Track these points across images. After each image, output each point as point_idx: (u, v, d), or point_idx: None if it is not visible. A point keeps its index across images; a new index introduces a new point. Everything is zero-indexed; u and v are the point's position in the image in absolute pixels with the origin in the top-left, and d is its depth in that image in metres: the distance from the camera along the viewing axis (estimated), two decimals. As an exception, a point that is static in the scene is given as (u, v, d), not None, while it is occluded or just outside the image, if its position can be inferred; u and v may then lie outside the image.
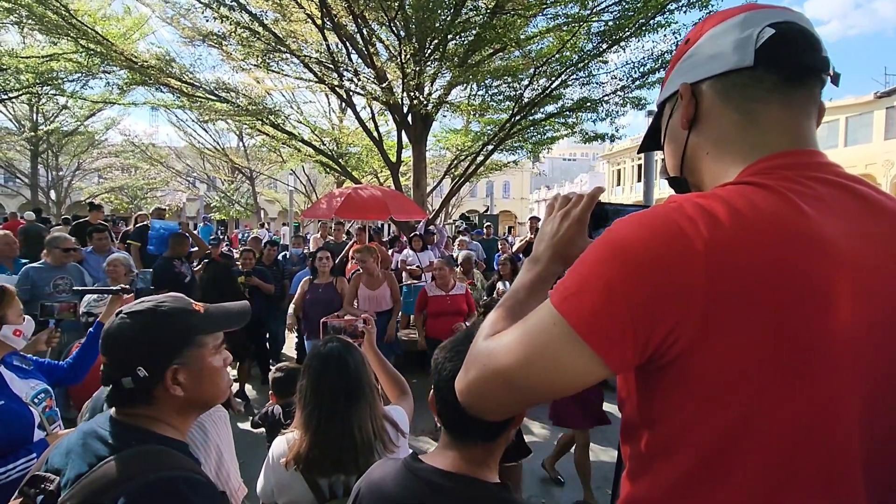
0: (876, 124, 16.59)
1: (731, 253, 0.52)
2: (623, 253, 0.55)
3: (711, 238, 0.52)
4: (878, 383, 0.56)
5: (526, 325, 0.61)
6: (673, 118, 0.74)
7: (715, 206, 0.55)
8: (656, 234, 0.54)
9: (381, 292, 4.26)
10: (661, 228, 0.55)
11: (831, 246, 0.54)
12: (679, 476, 0.59)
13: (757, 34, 0.63)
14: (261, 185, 23.41)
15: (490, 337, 0.67)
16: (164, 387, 0.92)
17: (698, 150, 0.70)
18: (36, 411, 1.76)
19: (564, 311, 0.57)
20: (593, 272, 0.56)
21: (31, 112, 17.66)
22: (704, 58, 0.68)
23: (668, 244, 0.53)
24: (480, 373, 0.63)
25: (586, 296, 0.56)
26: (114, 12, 10.20)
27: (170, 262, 5.09)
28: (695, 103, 0.69)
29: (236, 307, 1.10)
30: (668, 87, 0.74)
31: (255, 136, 11.13)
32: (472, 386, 0.65)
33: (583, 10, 7.28)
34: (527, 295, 0.75)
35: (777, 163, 0.61)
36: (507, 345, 0.62)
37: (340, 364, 1.45)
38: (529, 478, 3.64)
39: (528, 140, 10.33)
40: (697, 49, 0.69)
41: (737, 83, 0.65)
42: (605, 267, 0.55)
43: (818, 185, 0.58)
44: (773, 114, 0.64)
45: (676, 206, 0.57)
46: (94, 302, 2.38)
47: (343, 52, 8.24)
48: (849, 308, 0.53)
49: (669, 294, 0.52)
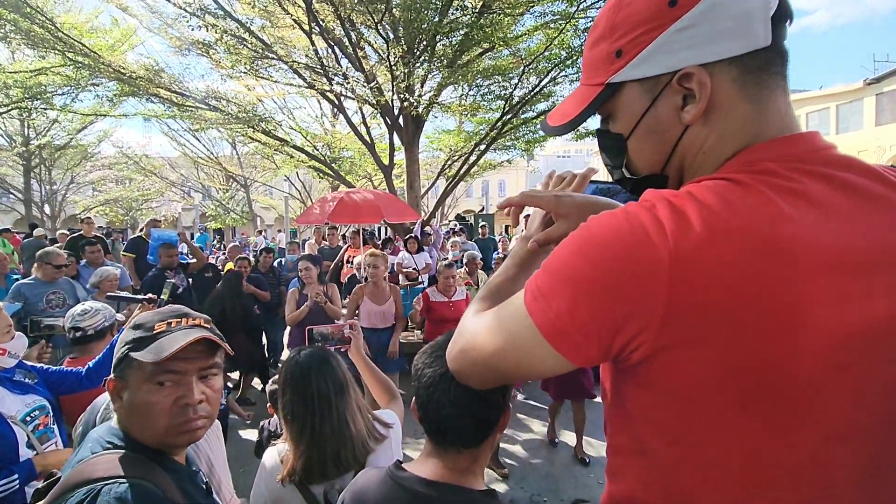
0: (866, 111, 16.63)
1: (696, 264, 0.49)
2: (590, 257, 0.54)
3: (677, 247, 0.50)
4: (863, 392, 0.52)
5: (502, 313, 0.64)
6: (660, 107, 0.60)
7: (687, 207, 0.51)
8: (623, 239, 0.52)
9: (388, 307, 4.13)
10: (628, 234, 0.52)
11: (809, 252, 0.49)
12: (654, 475, 0.59)
13: (770, 4, 0.54)
14: (256, 193, 23.36)
15: (477, 313, 0.71)
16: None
17: (698, 146, 0.60)
18: (24, 430, 1.74)
19: (532, 311, 0.58)
20: (561, 274, 0.56)
21: (23, 127, 17.56)
22: (716, 31, 0.55)
23: (633, 253, 0.51)
24: (462, 349, 0.69)
25: (553, 299, 0.56)
26: (101, 24, 10.17)
27: (161, 274, 5.07)
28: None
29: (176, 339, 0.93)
30: (644, 64, 0.58)
31: (247, 143, 11.07)
32: (457, 358, 0.71)
33: (570, 6, 7.29)
34: (516, 271, 0.80)
35: (764, 154, 0.56)
36: (486, 330, 0.65)
37: (324, 365, 1.44)
38: (533, 475, 3.64)
39: (521, 138, 10.33)
40: (699, 18, 0.55)
41: (752, 66, 0.56)
42: (572, 270, 0.55)
43: (806, 178, 0.53)
44: (776, 101, 0.58)
45: (649, 205, 0.53)
46: (80, 316, 2.36)
47: (332, 56, 8.23)
48: (825, 319, 0.49)
49: (631, 304, 0.51)
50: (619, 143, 0.65)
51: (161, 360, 0.89)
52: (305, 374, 1.43)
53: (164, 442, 0.92)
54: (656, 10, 0.57)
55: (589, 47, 0.66)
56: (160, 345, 0.91)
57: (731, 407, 0.52)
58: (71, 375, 2.11)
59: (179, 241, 6.00)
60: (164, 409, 0.90)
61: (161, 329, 0.94)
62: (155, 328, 0.95)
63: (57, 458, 1.79)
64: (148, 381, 0.91)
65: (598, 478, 3.53)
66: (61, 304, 3.95)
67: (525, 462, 3.85)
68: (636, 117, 0.62)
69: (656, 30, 0.57)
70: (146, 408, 0.90)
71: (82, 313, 2.38)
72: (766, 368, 0.50)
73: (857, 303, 0.50)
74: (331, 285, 4.53)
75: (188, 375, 0.93)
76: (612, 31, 0.60)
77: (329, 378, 1.42)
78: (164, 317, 0.98)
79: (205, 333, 0.95)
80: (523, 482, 3.55)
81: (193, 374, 0.94)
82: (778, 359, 0.49)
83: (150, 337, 0.93)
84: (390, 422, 1.55)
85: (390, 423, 1.54)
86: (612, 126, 0.66)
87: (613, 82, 0.62)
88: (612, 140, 0.66)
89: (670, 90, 0.59)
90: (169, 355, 0.89)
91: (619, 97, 0.63)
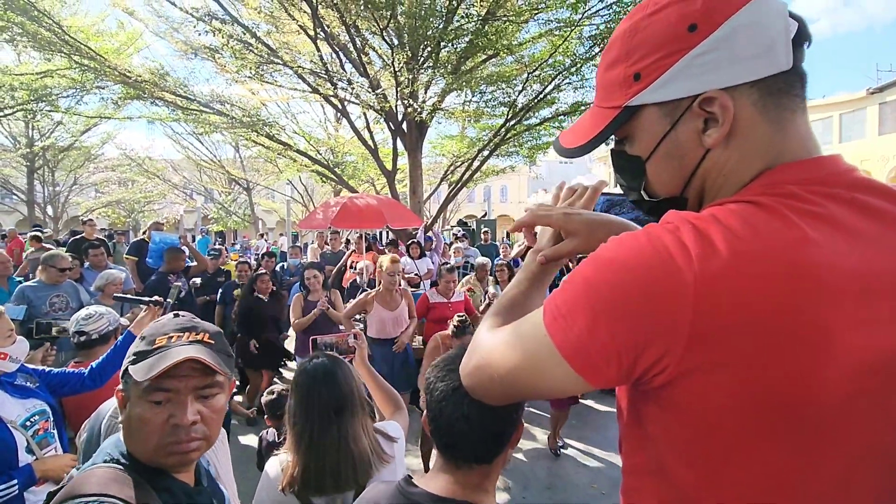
0: (869, 120, 16.64)
1: (722, 288, 0.49)
2: (612, 279, 0.53)
3: (702, 271, 0.49)
4: (889, 415, 0.51)
5: (519, 330, 0.63)
6: (680, 131, 0.59)
7: (711, 231, 0.51)
8: (646, 261, 0.51)
9: (400, 311, 4.09)
10: (652, 256, 0.51)
11: (834, 276, 0.49)
12: (672, 496, 0.59)
13: (789, 27, 0.54)
14: (258, 196, 23.40)
15: (492, 329, 0.70)
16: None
17: (719, 168, 0.59)
18: (23, 435, 1.73)
19: (552, 332, 0.57)
20: (582, 294, 0.55)
21: (27, 128, 17.66)
22: (737, 55, 0.54)
23: (657, 276, 0.50)
24: (477, 365, 0.68)
25: (573, 319, 0.55)
26: (107, 27, 10.23)
27: (164, 277, 5.07)
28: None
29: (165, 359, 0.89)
30: (664, 88, 0.58)
31: (251, 147, 11.10)
32: (472, 374, 0.69)
33: (574, 14, 7.32)
34: (528, 285, 0.79)
35: (786, 176, 0.55)
36: (502, 346, 0.64)
37: (329, 378, 1.43)
38: (533, 484, 3.61)
39: (524, 145, 10.34)
40: (720, 43, 0.54)
41: (773, 89, 0.56)
42: (594, 291, 0.54)
43: (829, 201, 0.52)
44: (797, 123, 0.57)
45: (672, 228, 0.52)
46: (84, 320, 2.36)
47: (336, 62, 8.26)
48: (852, 343, 0.49)
49: (654, 328, 0.51)
50: (637, 165, 0.65)
51: (150, 377, 0.86)
52: (310, 383, 1.43)
53: (155, 461, 0.89)
54: (675, 34, 0.56)
55: (603, 69, 0.65)
56: (153, 361, 0.88)
57: (757, 430, 0.51)
58: (73, 377, 2.10)
59: (181, 243, 6.01)
60: (155, 428, 0.87)
61: (161, 344, 0.92)
62: (156, 342, 0.92)
63: (56, 463, 1.78)
64: (143, 398, 0.88)
65: (601, 488, 3.51)
66: (64, 307, 3.95)
67: (527, 472, 3.83)
68: (655, 140, 0.61)
69: (676, 54, 0.56)
70: (140, 424, 0.88)
71: (86, 317, 2.38)
72: (793, 392, 0.49)
73: (882, 326, 0.50)
74: (334, 291, 4.54)
75: (182, 395, 0.90)
76: (629, 55, 0.60)
77: (332, 391, 1.41)
78: (169, 330, 0.96)
79: (198, 354, 0.90)
80: (525, 492, 3.53)
81: (188, 393, 0.90)
82: (804, 382, 0.49)
83: (149, 351, 0.91)
84: (395, 435, 1.53)
85: (395, 436, 1.53)
86: (629, 148, 0.65)
87: (631, 105, 0.61)
88: (630, 162, 0.65)
89: (691, 114, 0.58)
90: (156, 374, 0.86)
91: (636, 120, 0.62)
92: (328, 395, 1.40)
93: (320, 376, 1.44)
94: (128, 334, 2.18)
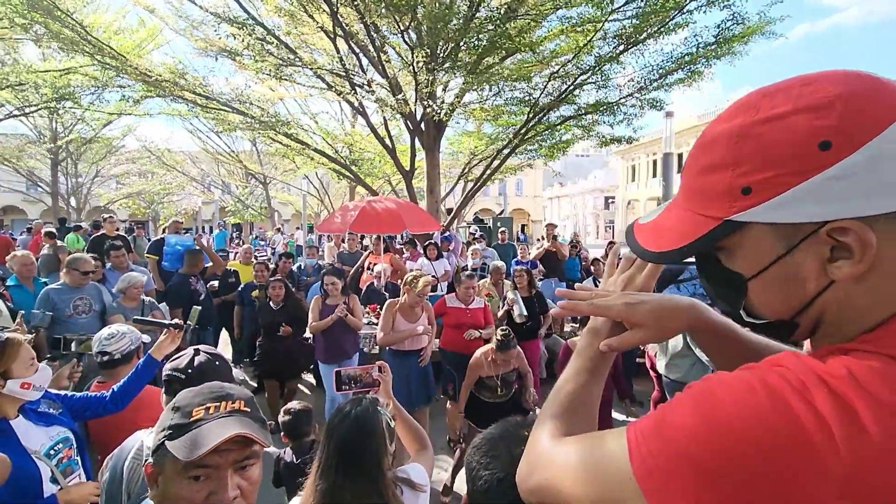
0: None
1: (877, 484, 0.39)
2: (724, 445, 0.43)
3: (852, 460, 0.39)
4: None
5: (595, 458, 0.54)
6: (799, 257, 0.49)
7: (855, 401, 0.41)
8: (772, 436, 0.42)
9: (421, 322, 4.03)
10: (781, 430, 0.41)
11: None
12: None
13: None
14: (274, 189, 23.59)
15: (555, 438, 0.63)
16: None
17: (845, 303, 0.49)
18: (48, 465, 1.73)
19: (644, 485, 0.47)
20: (684, 453, 0.46)
21: (51, 122, 18.10)
22: (882, 183, 0.44)
23: (790, 456, 0.40)
24: (540, 486, 0.62)
25: (671, 480, 0.46)
26: (128, 24, 10.31)
27: (186, 280, 5.11)
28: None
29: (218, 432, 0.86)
30: (783, 209, 0.48)
31: (269, 144, 11.14)
32: (533, 492, 0.63)
33: (598, 11, 7.12)
34: (588, 377, 0.71)
35: None
36: (574, 472, 0.56)
37: (360, 433, 1.35)
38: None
39: (543, 144, 10.18)
40: (860, 167, 0.44)
41: None
42: (700, 454, 0.44)
43: None
44: None
45: (799, 386, 0.43)
46: (106, 340, 2.35)
47: (355, 61, 8.19)
48: None
49: None
50: (737, 282, 0.55)
51: (197, 457, 0.83)
52: (346, 432, 1.35)
53: None
54: (803, 151, 0.46)
55: (698, 171, 0.55)
56: (195, 438, 0.86)
57: None
58: (95, 401, 2.09)
59: (195, 244, 6.07)
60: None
61: (198, 416, 0.89)
62: (193, 414, 0.90)
63: (80, 492, 1.77)
64: (181, 475, 0.86)
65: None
66: (87, 310, 4.00)
67: None
68: (764, 262, 0.52)
69: (802, 175, 0.46)
70: (177, 502, 0.86)
71: (108, 337, 2.37)
72: None
73: None
74: (352, 296, 4.51)
75: (222, 470, 0.87)
76: (738, 163, 0.50)
77: (367, 447, 1.34)
78: (204, 399, 0.93)
79: (242, 429, 0.88)
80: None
81: (228, 467, 0.88)
82: None
83: (187, 425, 0.88)
84: (420, 482, 1.45)
85: (420, 483, 1.45)
86: (726, 260, 0.56)
87: (736, 221, 0.51)
88: (728, 277, 0.55)
89: (816, 240, 0.48)
90: (203, 454, 0.84)
91: (741, 235, 0.52)
92: (363, 450, 1.33)
93: (356, 428, 1.35)
94: (148, 357, 2.17)
